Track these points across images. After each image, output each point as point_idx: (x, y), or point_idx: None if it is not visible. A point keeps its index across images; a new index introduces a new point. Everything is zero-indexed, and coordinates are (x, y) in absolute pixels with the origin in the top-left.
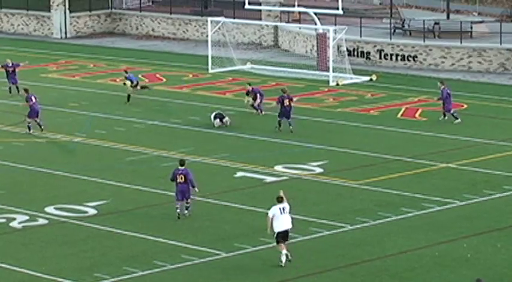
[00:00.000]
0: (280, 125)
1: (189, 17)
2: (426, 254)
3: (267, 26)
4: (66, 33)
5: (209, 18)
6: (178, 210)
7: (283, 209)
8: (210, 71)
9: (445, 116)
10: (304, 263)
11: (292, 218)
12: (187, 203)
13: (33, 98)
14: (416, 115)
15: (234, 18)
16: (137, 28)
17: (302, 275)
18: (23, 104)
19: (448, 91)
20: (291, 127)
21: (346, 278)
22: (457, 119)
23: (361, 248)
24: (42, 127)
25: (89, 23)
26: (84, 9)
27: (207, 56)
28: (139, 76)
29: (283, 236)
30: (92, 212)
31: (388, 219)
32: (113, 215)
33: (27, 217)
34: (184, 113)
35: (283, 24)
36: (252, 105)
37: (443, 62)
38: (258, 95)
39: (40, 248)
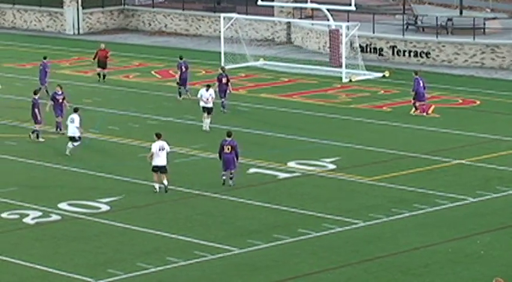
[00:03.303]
0: (223, 106)
1: (202, 13)
2: (439, 251)
3: (279, 22)
4: (78, 29)
5: (222, 15)
6: (224, 177)
7: (161, 146)
8: None
9: (419, 109)
10: (318, 259)
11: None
12: (231, 173)
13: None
14: (429, 111)
15: (247, 14)
16: (150, 24)
17: (316, 271)
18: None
19: (420, 81)
20: (224, 109)
21: (359, 274)
22: (417, 109)
23: (374, 244)
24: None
25: (102, 19)
26: (96, 6)
27: (220, 53)
28: (153, 72)
29: (158, 169)
30: (105, 208)
31: (401, 215)
32: (126, 211)
33: (40, 213)
34: (197, 110)
35: (296, 20)
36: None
37: (456, 59)
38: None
39: (53, 244)
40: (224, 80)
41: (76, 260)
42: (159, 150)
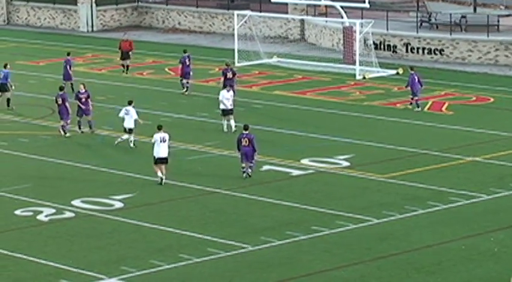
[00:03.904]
0: None
1: (216, 11)
2: (453, 248)
3: (293, 19)
4: (92, 26)
5: (235, 12)
6: (243, 169)
7: (162, 138)
8: (237, 64)
9: (415, 104)
10: (331, 257)
11: (169, 148)
12: (250, 162)
13: (59, 99)
14: (443, 109)
15: (261, 11)
16: (163, 21)
17: (328, 268)
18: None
19: (416, 77)
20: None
21: (372, 272)
22: (418, 107)
23: (388, 241)
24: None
25: (116, 17)
26: (110, 3)
27: (234, 50)
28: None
29: (160, 161)
30: (119, 205)
31: (415, 213)
32: (139, 208)
33: (53, 210)
34: (211, 107)
35: (310, 17)
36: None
37: (470, 56)
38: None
39: (67, 241)
40: (229, 75)
41: (89, 257)
42: (161, 141)
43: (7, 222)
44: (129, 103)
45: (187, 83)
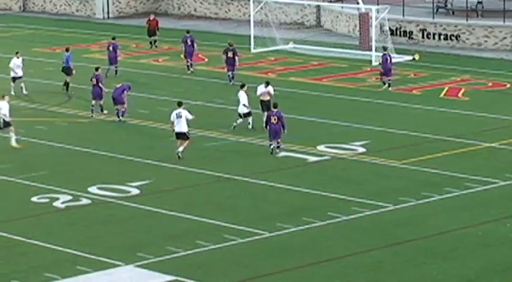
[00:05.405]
0: (231, 79)
1: None
2: (469, 234)
3: (309, 5)
4: (108, 13)
5: None
6: (271, 147)
7: (178, 113)
8: (253, 51)
9: (387, 85)
10: (347, 243)
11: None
12: (278, 142)
13: (94, 79)
14: (459, 94)
15: None
16: (179, 8)
17: (346, 254)
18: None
19: (388, 57)
20: (232, 80)
21: (388, 258)
22: (389, 86)
23: (404, 227)
24: (103, 110)
25: (131, 3)
26: None
27: (249, 36)
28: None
29: (178, 136)
30: (135, 191)
31: (431, 199)
32: (156, 195)
33: (70, 197)
34: (227, 93)
35: (326, 3)
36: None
37: (486, 41)
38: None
39: (83, 228)
40: (230, 54)
41: (106, 244)
42: (177, 117)
43: (24, 209)
44: (242, 87)
45: (190, 61)
